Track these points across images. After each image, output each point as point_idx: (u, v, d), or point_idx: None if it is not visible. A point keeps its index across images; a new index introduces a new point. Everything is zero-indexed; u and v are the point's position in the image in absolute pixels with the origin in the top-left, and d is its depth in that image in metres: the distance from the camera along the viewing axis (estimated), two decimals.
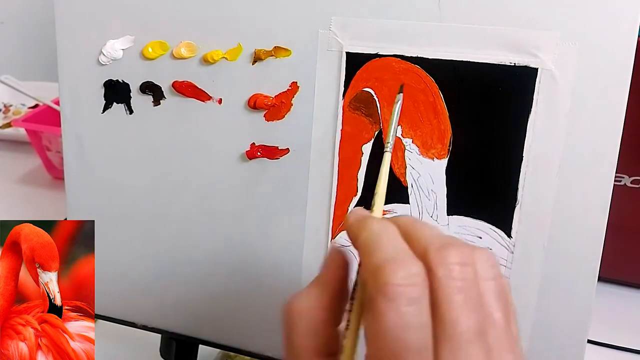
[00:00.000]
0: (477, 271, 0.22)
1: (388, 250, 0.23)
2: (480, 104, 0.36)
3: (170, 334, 0.45)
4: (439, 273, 0.22)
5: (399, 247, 0.23)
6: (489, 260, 0.23)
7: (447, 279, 0.22)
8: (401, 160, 0.38)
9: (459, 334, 0.21)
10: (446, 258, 0.22)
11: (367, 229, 0.24)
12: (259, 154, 0.40)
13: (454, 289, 0.22)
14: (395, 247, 0.23)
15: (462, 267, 0.22)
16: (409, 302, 0.21)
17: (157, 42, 0.41)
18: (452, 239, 0.23)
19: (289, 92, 0.39)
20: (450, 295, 0.21)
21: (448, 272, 0.22)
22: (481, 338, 0.21)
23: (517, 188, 0.36)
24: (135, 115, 0.42)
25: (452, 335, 0.21)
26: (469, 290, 0.22)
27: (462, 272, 0.22)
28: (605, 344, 0.53)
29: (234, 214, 0.42)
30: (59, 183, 0.82)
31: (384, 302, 0.21)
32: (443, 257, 0.22)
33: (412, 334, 0.21)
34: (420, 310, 0.21)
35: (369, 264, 0.23)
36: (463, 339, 0.21)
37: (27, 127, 0.79)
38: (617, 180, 0.53)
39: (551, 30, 0.34)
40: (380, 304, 0.21)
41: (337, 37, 0.37)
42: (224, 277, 0.43)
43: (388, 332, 0.21)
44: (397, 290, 0.21)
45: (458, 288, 0.22)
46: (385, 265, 0.22)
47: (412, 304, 0.21)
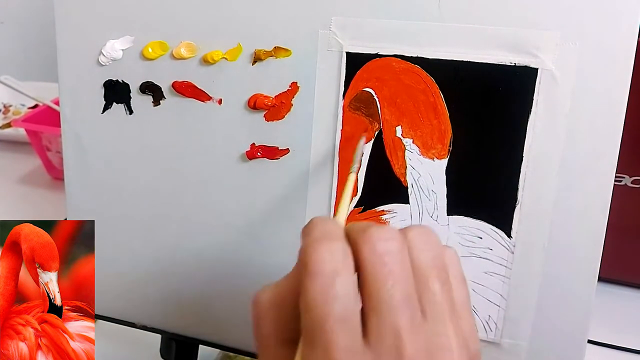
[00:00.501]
0: (411, 244, 0.24)
1: (315, 233, 0.24)
2: (481, 104, 0.36)
3: (170, 334, 0.45)
4: (363, 250, 0.23)
5: (328, 231, 0.24)
6: (424, 233, 0.24)
7: (371, 253, 0.23)
8: (401, 160, 0.38)
9: (384, 303, 0.22)
10: (370, 236, 0.23)
11: (309, 222, 0.25)
12: (259, 154, 0.40)
13: (377, 262, 0.23)
14: (324, 230, 0.24)
15: (385, 241, 0.23)
16: (330, 275, 0.22)
17: (157, 42, 0.41)
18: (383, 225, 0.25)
19: (289, 92, 0.39)
20: (374, 267, 0.23)
21: (371, 247, 0.23)
22: (409, 307, 0.23)
23: (517, 188, 0.36)
24: (135, 116, 0.42)
25: (377, 305, 0.22)
26: (393, 263, 0.23)
27: (386, 245, 0.23)
28: (605, 344, 0.53)
29: (234, 214, 0.42)
30: (59, 183, 0.82)
31: (307, 277, 0.23)
32: (367, 235, 0.23)
33: (335, 305, 0.22)
34: (344, 283, 0.23)
35: (301, 247, 0.24)
36: (388, 307, 0.22)
37: (27, 127, 0.79)
38: (617, 180, 0.53)
39: (551, 30, 0.34)
40: (305, 279, 0.23)
41: (337, 37, 0.37)
42: (224, 277, 0.43)
43: (311, 303, 0.22)
44: (318, 265, 0.23)
45: (382, 261, 0.23)
46: (310, 244, 0.23)
47: (334, 277, 0.22)
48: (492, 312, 0.38)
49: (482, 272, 0.37)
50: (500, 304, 0.38)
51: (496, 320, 0.38)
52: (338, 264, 0.23)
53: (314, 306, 0.22)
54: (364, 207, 0.39)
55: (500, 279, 0.37)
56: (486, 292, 0.38)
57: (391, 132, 0.37)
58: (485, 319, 0.38)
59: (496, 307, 0.38)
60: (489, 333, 0.38)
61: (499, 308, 0.38)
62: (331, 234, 0.24)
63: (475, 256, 0.37)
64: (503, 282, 0.37)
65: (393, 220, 0.38)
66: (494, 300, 0.38)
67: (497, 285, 0.37)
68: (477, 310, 0.38)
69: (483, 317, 0.38)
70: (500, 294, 0.37)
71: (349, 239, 0.24)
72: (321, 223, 0.25)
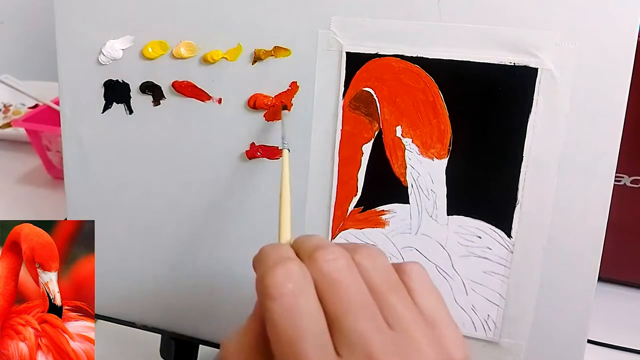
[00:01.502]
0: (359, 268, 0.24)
1: (269, 261, 0.24)
2: (480, 104, 0.36)
3: (170, 334, 0.45)
4: (312, 272, 0.24)
5: (281, 255, 0.25)
6: (370, 254, 0.25)
7: (320, 275, 0.24)
8: (401, 160, 0.38)
9: (346, 315, 0.23)
10: (316, 260, 0.24)
11: (259, 253, 0.26)
12: (259, 154, 0.40)
13: (328, 282, 0.23)
14: (278, 255, 0.25)
15: (331, 262, 0.24)
16: (292, 294, 0.23)
17: (157, 42, 0.41)
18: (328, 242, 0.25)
19: (289, 92, 0.39)
20: (328, 287, 0.23)
21: (318, 270, 0.24)
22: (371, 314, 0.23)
23: (517, 188, 0.36)
24: (135, 115, 0.42)
25: (340, 319, 0.23)
26: (344, 278, 0.24)
27: (333, 265, 0.24)
28: (605, 344, 0.53)
29: (234, 213, 0.42)
30: (59, 183, 0.82)
31: (271, 302, 0.23)
32: (313, 260, 0.24)
33: (303, 322, 0.22)
34: (307, 301, 0.23)
35: (257, 280, 0.24)
36: (352, 318, 0.23)
37: (27, 127, 0.79)
38: (617, 180, 0.53)
39: (551, 30, 0.34)
40: (269, 305, 0.23)
41: (337, 37, 0.37)
42: (224, 277, 0.43)
43: (278, 325, 0.23)
44: (278, 288, 0.23)
45: (332, 279, 0.23)
46: (266, 272, 0.24)
47: (296, 295, 0.23)
48: (491, 311, 0.38)
49: (482, 271, 0.37)
50: (499, 304, 0.38)
51: (495, 320, 0.38)
52: (297, 283, 0.23)
53: (281, 328, 0.23)
54: (364, 207, 0.39)
55: (499, 279, 0.37)
56: (485, 291, 0.38)
57: (391, 132, 0.37)
58: (484, 319, 0.38)
59: (495, 306, 0.38)
60: (488, 332, 0.38)
61: (499, 307, 0.38)
62: (284, 257, 0.24)
63: (475, 255, 0.37)
64: (502, 281, 0.37)
65: (393, 220, 0.38)
66: (494, 299, 0.38)
67: (497, 284, 0.37)
68: (477, 310, 0.38)
69: (482, 317, 0.38)
70: (500, 294, 0.37)
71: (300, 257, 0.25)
72: (271, 250, 0.26)
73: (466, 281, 0.38)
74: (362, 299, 0.23)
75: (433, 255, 0.38)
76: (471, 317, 0.38)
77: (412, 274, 0.25)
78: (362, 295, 0.23)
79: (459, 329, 0.25)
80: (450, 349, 0.23)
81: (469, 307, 0.38)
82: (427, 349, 0.23)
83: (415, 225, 0.38)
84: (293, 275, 0.23)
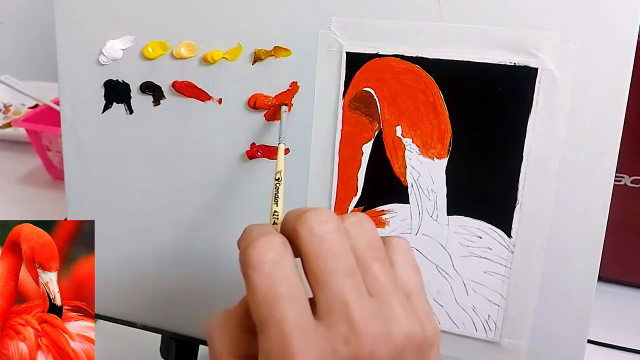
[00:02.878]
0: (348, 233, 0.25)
1: (252, 235, 0.25)
2: (480, 104, 0.36)
3: (170, 334, 0.45)
4: (301, 233, 0.24)
5: (261, 230, 0.25)
6: (358, 221, 0.25)
7: (309, 234, 0.24)
8: (401, 160, 0.38)
9: (328, 276, 0.23)
10: (307, 219, 0.24)
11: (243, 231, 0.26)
12: (259, 154, 0.40)
13: (315, 242, 0.24)
14: (261, 230, 0.25)
15: (321, 224, 0.24)
16: (272, 262, 0.23)
17: (157, 42, 0.41)
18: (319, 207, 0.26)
19: (289, 92, 0.39)
20: (314, 247, 0.24)
21: (308, 229, 0.24)
22: (353, 279, 0.23)
23: (517, 188, 0.36)
24: (135, 115, 0.42)
25: (321, 281, 0.23)
26: (332, 241, 0.24)
27: (323, 227, 0.24)
28: (605, 344, 0.53)
29: (234, 214, 0.42)
30: (59, 183, 0.82)
31: (252, 270, 0.24)
32: (303, 219, 0.24)
33: (282, 286, 0.23)
34: (287, 266, 0.24)
35: (240, 253, 0.25)
36: (333, 280, 0.23)
37: (27, 127, 0.79)
38: (617, 180, 0.53)
39: (551, 30, 0.34)
40: (250, 273, 0.24)
41: (337, 37, 0.37)
42: (224, 277, 0.43)
43: (259, 291, 0.23)
44: (259, 257, 0.24)
45: (320, 241, 0.24)
46: (249, 244, 0.24)
47: (275, 265, 0.23)
48: (491, 311, 0.38)
49: (482, 271, 0.38)
50: (500, 304, 0.38)
51: (496, 320, 0.38)
52: (278, 253, 0.24)
53: (260, 293, 0.23)
54: (364, 207, 0.39)
55: (500, 279, 0.37)
56: (486, 291, 0.38)
57: (391, 132, 0.37)
58: (484, 319, 0.38)
59: (496, 306, 0.38)
60: (488, 333, 0.38)
61: (499, 307, 0.38)
62: (266, 232, 0.25)
63: (475, 256, 0.37)
64: (503, 281, 0.37)
65: (393, 219, 0.38)
66: (494, 299, 0.38)
67: (497, 284, 0.37)
68: (477, 310, 0.38)
69: (483, 317, 0.38)
70: (500, 294, 0.37)
71: (287, 227, 0.25)
72: (255, 227, 0.26)
73: (467, 281, 0.38)
74: (347, 265, 0.24)
75: (433, 256, 0.38)
76: (472, 317, 0.38)
77: (397, 247, 0.26)
78: (347, 261, 0.24)
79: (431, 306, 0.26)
80: (424, 322, 0.24)
81: (469, 307, 0.38)
82: (403, 318, 0.23)
83: (415, 225, 0.38)
84: (275, 245, 0.24)
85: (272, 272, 0.23)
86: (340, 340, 0.22)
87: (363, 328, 0.22)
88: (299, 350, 0.22)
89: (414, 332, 0.23)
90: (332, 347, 0.22)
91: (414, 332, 0.23)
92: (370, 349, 0.22)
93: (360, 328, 0.22)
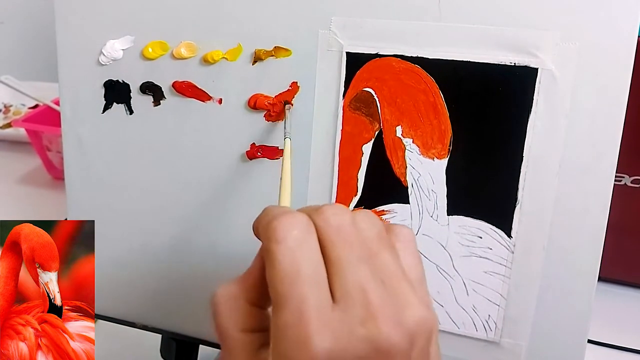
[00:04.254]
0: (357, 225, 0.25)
1: (276, 211, 0.26)
2: (480, 104, 0.36)
3: (170, 334, 0.45)
4: (319, 224, 0.25)
5: (285, 208, 0.27)
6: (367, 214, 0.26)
7: (326, 225, 0.25)
8: (401, 160, 0.38)
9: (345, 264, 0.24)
10: (324, 211, 0.25)
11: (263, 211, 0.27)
12: (259, 154, 0.40)
13: (333, 232, 0.25)
14: (282, 208, 0.27)
15: (337, 215, 0.25)
16: (296, 241, 0.24)
17: (157, 42, 0.41)
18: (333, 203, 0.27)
19: (289, 92, 0.39)
20: (331, 236, 0.25)
21: (325, 220, 0.25)
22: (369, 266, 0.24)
23: (517, 188, 0.36)
24: (135, 116, 0.42)
25: (339, 268, 0.24)
26: (347, 233, 0.25)
27: (339, 219, 0.25)
28: (605, 344, 0.53)
29: (234, 214, 0.42)
30: (59, 183, 0.82)
31: (275, 244, 0.24)
32: (320, 211, 0.25)
33: (304, 265, 0.24)
34: (309, 248, 0.24)
35: (262, 227, 0.25)
36: (351, 267, 0.24)
37: (27, 127, 0.79)
38: (617, 180, 0.53)
39: (551, 30, 0.34)
40: (273, 247, 0.24)
41: (337, 37, 0.37)
42: (224, 277, 0.43)
43: (281, 266, 0.24)
44: (284, 232, 0.24)
45: (337, 231, 0.25)
46: (273, 219, 0.25)
47: (300, 242, 0.24)
48: (492, 311, 0.38)
49: (482, 271, 0.38)
50: (500, 304, 0.38)
51: (496, 320, 0.38)
52: (303, 231, 0.24)
53: (282, 268, 0.23)
54: (364, 207, 0.39)
55: (500, 279, 0.37)
56: (486, 291, 0.38)
57: (391, 132, 0.37)
58: (485, 319, 0.38)
59: (496, 306, 0.38)
60: (488, 332, 0.38)
61: (499, 307, 0.38)
62: (290, 210, 0.26)
63: (475, 256, 0.37)
64: (503, 281, 0.37)
65: (393, 220, 0.38)
66: (494, 299, 0.38)
67: (497, 284, 0.37)
68: (477, 310, 0.38)
69: (483, 317, 0.38)
70: (500, 294, 0.37)
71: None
72: (275, 207, 0.27)
73: (467, 281, 0.38)
74: (363, 253, 0.25)
75: (434, 256, 0.38)
76: (472, 318, 0.38)
77: (401, 236, 0.27)
78: (362, 249, 0.25)
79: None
80: (429, 306, 0.25)
81: (469, 307, 0.38)
82: (416, 304, 0.24)
83: (415, 225, 0.38)
84: (300, 222, 0.24)
85: (296, 249, 0.24)
86: (358, 322, 0.23)
87: (380, 311, 0.23)
88: (316, 331, 0.22)
89: (425, 317, 0.24)
90: (349, 329, 0.23)
91: (425, 317, 0.24)
92: (387, 333, 0.23)
93: (377, 311, 0.23)
